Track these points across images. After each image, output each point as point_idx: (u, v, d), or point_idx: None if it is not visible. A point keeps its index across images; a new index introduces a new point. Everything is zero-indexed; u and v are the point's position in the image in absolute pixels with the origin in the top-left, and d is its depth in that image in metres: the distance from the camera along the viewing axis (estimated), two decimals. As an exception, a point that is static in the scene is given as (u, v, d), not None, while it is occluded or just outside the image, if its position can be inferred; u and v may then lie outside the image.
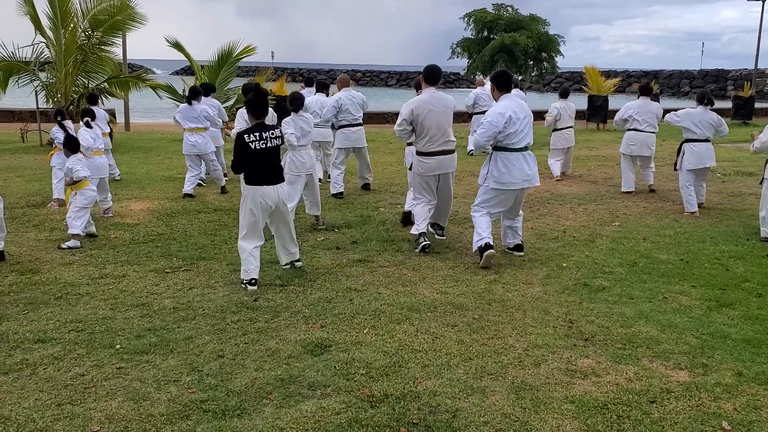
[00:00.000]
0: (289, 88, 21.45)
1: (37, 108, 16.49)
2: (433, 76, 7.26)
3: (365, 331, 5.05)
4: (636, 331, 5.11)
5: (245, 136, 5.93)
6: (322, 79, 12.27)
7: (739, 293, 6.01)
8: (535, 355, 4.66)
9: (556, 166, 12.17)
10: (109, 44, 16.61)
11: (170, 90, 15.19)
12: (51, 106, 16.42)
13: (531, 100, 16.07)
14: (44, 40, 15.87)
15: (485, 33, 40.60)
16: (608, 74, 35.62)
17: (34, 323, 5.17)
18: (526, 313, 5.47)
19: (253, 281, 5.95)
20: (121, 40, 17.86)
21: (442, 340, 4.91)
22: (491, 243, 6.73)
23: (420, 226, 7.34)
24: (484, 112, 11.49)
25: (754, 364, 4.55)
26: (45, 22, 15.56)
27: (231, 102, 15.44)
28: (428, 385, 4.21)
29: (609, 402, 4.02)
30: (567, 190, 11.08)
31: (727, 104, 27.84)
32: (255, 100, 6.09)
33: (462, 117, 18.19)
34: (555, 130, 12.30)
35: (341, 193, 10.22)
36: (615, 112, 24.42)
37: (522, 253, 7.17)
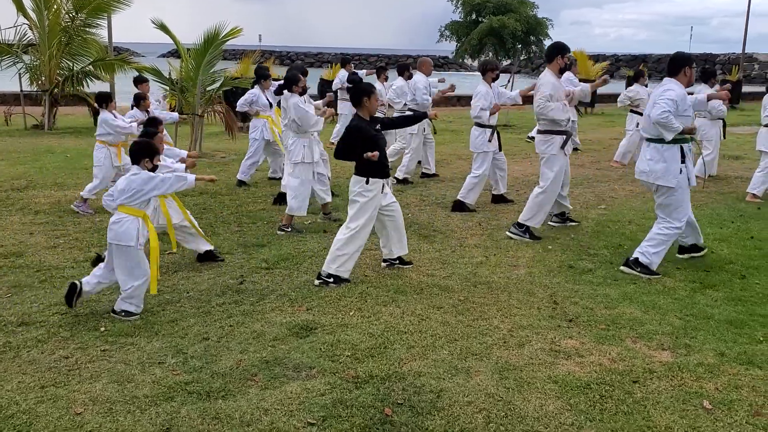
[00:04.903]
0: (277, 72, 21.28)
1: (21, 91, 16.30)
2: (545, 55, 7.29)
3: (351, 314, 5.06)
4: (620, 312, 5.14)
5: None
6: (310, 63, 12.20)
7: (722, 275, 6.06)
8: (520, 336, 4.68)
9: None
10: (94, 26, 16.35)
11: (156, 73, 15.02)
12: (35, 89, 16.22)
13: (521, 85, 16.04)
14: (27, 22, 15.64)
15: (473, 16, 40.34)
16: (597, 58, 35.53)
17: (18, 306, 5.14)
18: (511, 295, 5.50)
19: None
20: (106, 22, 17.59)
21: (428, 321, 4.93)
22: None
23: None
24: None
25: (735, 344, 4.60)
26: (27, 3, 15.33)
27: (216, 85, 15.31)
28: (413, 365, 4.23)
29: (592, 382, 4.05)
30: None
31: (715, 88, 27.89)
32: (352, 90, 6.03)
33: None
34: None
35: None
36: (603, 96, 24.30)
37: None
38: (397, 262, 6.17)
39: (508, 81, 18.68)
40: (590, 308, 5.23)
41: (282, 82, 7.81)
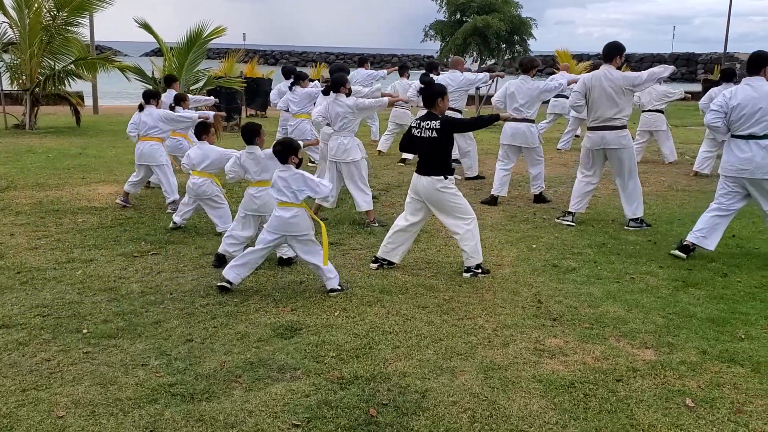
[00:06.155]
0: (260, 71, 21.20)
1: (2, 90, 16.12)
2: (604, 54, 7.61)
3: (336, 314, 5.05)
4: (603, 311, 5.17)
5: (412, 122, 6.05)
6: (294, 62, 12.26)
7: (704, 273, 6.11)
8: (504, 335, 4.70)
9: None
10: (76, 25, 16.22)
11: (139, 72, 14.92)
12: (16, 88, 16.05)
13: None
14: (7, 21, 15.47)
15: (458, 15, 40.32)
16: (581, 57, 35.85)
17: (-1, 309, 5.08)
18: (496, 294, 5.51)
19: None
20: (88, 20, 17.44)
21: (413, 321, 4.93)
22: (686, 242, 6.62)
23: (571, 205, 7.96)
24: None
25: (718, 342, 4.64)
26: (8, 1, 15.16)
27: (200, 84, 15.25)
28: (398, 366, 4.22)
29: (576, 381, 4.07)
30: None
31: (697, 87, 28.31)
32: (427, 91, 6.02)
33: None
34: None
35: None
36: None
37: None
38: (386, 263, 6.17)
39: (492, 80, 18.70)
40: (574, 307, 5.25)
41: (328, 84, 7.92)
